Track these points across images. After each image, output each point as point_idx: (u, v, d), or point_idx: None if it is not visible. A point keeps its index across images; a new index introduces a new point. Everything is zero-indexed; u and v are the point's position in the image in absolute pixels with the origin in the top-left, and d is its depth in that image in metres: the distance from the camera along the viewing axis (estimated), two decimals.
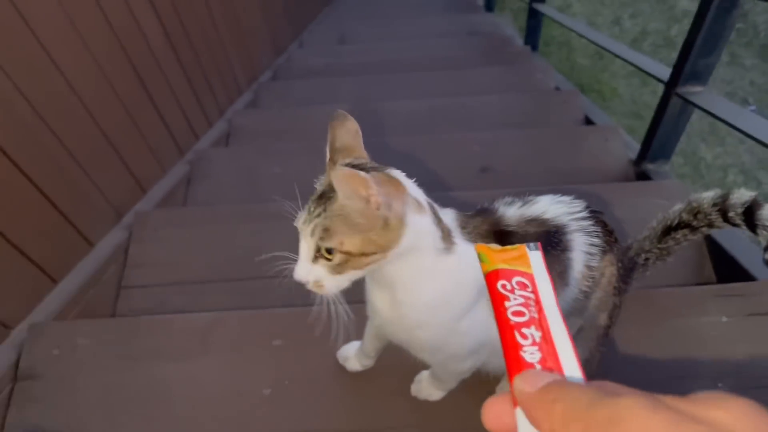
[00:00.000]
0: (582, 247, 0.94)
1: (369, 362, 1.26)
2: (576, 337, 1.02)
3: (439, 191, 1.24)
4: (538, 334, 0.44)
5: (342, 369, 1.28)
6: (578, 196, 0.99)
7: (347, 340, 1.28)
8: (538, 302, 0.47)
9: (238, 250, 1.79)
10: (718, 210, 1.05)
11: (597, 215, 0.99)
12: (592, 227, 0.96)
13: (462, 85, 3.20)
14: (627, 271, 1.12)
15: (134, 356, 1.36)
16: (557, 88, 3.18)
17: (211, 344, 1.37)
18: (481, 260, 0.52)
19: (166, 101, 2.17)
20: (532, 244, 0.52)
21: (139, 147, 1.97)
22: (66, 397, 1.30)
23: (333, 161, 0.80)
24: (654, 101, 4.27)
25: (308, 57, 4.16)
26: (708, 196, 1.07)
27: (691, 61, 1.73)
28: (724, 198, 1.03)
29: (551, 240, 0.92)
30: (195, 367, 1.34)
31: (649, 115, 4.21)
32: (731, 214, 1.02)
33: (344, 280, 0.77)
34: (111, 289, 1.70)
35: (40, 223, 1.47)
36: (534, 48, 3.88)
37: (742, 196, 1.01)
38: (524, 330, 0.44)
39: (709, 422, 0.28)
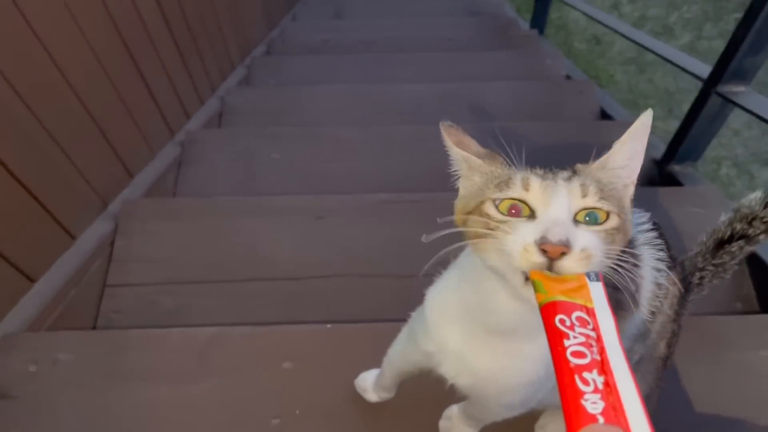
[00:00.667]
0: (650, 262, 0.83)
1: (387, 395, 1.13)
2: (636, 369, 0.90)
3: None
4: (600, 380, 0.39)
5: (360, 398, 1.14)
6: None
7: None
8: (600, 341, 0.42)
9: (235, 247, 1.64)
10: None
11: (657, 227, 0.87)
12: (657, 239, 0.84)
13: (469, 70, 3.05)
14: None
15: (123, 376, 1.20)
16: (568, 76, 3.04)
17: (210, 364, 1.22)
18: (536, 289, 0.49)
19: (156, 74, 1.98)
20: (592, 274, 0.49)
21: (126, 125, 1.78)
22: (44, 421, 1.14)
23: (488, 161, 0.64)
24: (650, 89, 4.27)
25: (304, 32, 3.96)
26: (756, 197, 0.95)
27: (738, 58, 1.59)
28: None
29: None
30: (192, 391, 1.18)
31: (645, 104, 4.18)
32: None
33: (607, 258, 0.56)
34: (95, 288, 1.54)
35: (14, 213, 1.29)
36: (541, 31, 3.72)
37: None
38: (585, 374, 0.39)
39: None
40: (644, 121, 0.59)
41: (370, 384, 1.13)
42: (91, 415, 1.15)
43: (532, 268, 0.52)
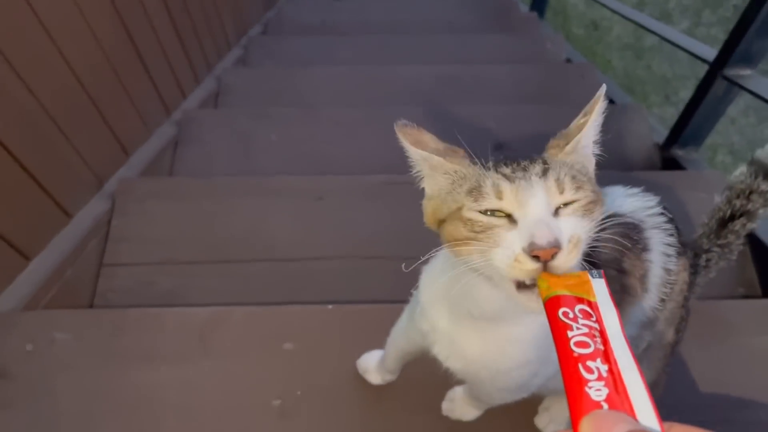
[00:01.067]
0: (659, 246, 0.82)
1: (391, 377, 1.12)
2: (643, 356, 0.90)
3: None
4: (604, 368, 0.40)
5: (362, 379, 1.13)
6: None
7: None
8: (603, 333, 0.43)
9: (233, 227, 1.62)
10: None
11: (667, 212, 0.86)
12: (667, 224, 0.83)
13: (468, 52, 3.02)
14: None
15: (122, 356, 1.18)
16: (568, 60, 3.01)
17: (211, 345, 1.20)
18: (539, 285, 0.50)
19: (152, 52, 1.95)
20: (594, 272, 0.49)
21: (122, 103, 1.75)
22: (41, 401, 1.12)
23: (449, 159, 0.63)
24: (647, 76, 4.25)
25: (300, 12, 3.91)
26: (743, 171, 0.94)
27: (746, 41, 1.57)
28: (759, 163, 0.91)
29: (630, 239, 0.79)
30: (192, 371, 1.17)
31: (641, 90, 4.18)
32: None
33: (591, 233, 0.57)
34: (91, 267, 1.51)
35: (10, 190, 1.27)
36: (541, 15, 3.69)
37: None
38: (589, 363, 0.40)
39: None
40: (602, 96, 0.60)
41: (372, 365, 1.12)
42: (89, 395, 1.13)
43: (527, 276, 0.52)
